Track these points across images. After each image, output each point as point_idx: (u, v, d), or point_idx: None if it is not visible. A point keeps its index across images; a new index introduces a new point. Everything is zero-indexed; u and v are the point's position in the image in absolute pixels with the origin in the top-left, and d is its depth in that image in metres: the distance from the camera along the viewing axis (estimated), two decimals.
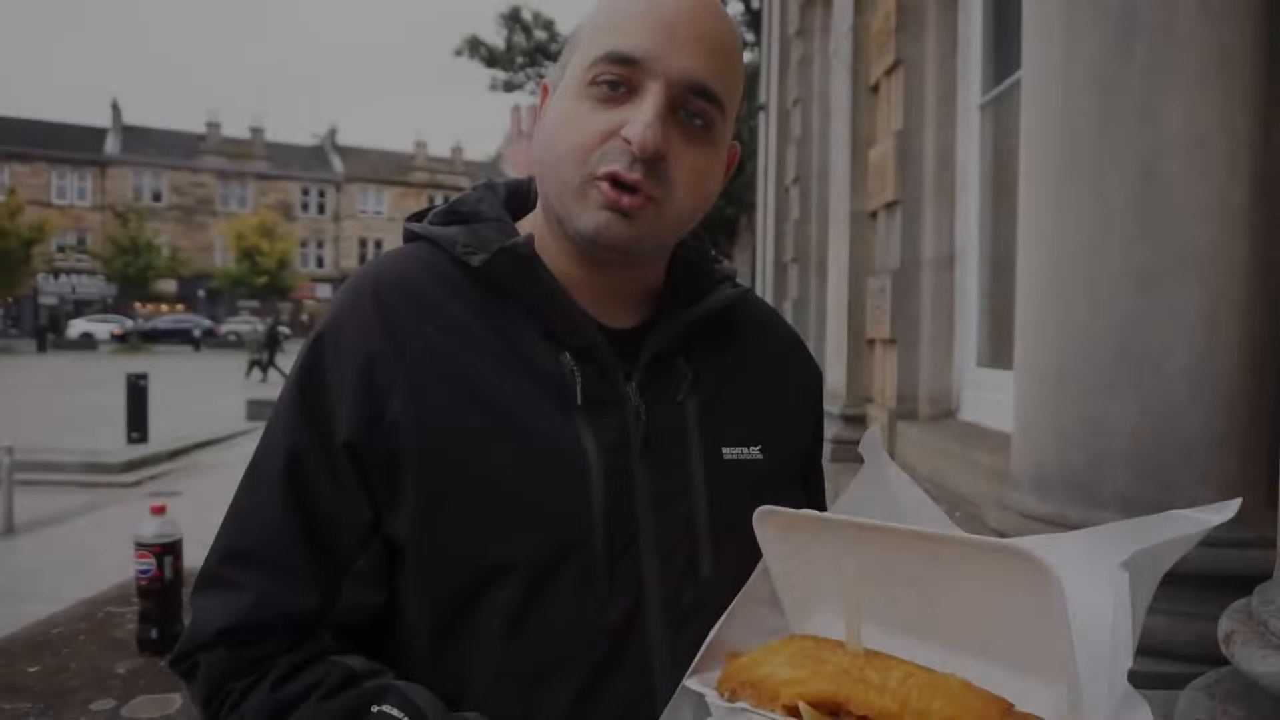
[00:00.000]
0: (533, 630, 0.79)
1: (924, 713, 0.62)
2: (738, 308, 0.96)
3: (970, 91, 3.82)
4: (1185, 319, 1.64)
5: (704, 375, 0.90)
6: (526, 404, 0.81)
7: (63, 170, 44.56)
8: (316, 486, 0.79)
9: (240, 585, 0.78)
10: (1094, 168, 1.72)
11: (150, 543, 1.90)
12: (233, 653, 0.77)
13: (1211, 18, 1.61)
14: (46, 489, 8.98)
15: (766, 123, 9.07)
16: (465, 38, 25.20)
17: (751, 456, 0.90)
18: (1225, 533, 1.60)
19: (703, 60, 0.79)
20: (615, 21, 0.80)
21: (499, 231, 0.87)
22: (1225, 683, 1.31)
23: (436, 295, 0.84)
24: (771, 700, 0.68)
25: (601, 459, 0.81)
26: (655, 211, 0.80)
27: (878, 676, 0.65)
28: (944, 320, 3.91)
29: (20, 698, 1.65)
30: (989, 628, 0.70)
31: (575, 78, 0.81)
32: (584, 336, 0.84)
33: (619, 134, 0.77)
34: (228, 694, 0.77)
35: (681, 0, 0.79)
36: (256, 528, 0.80)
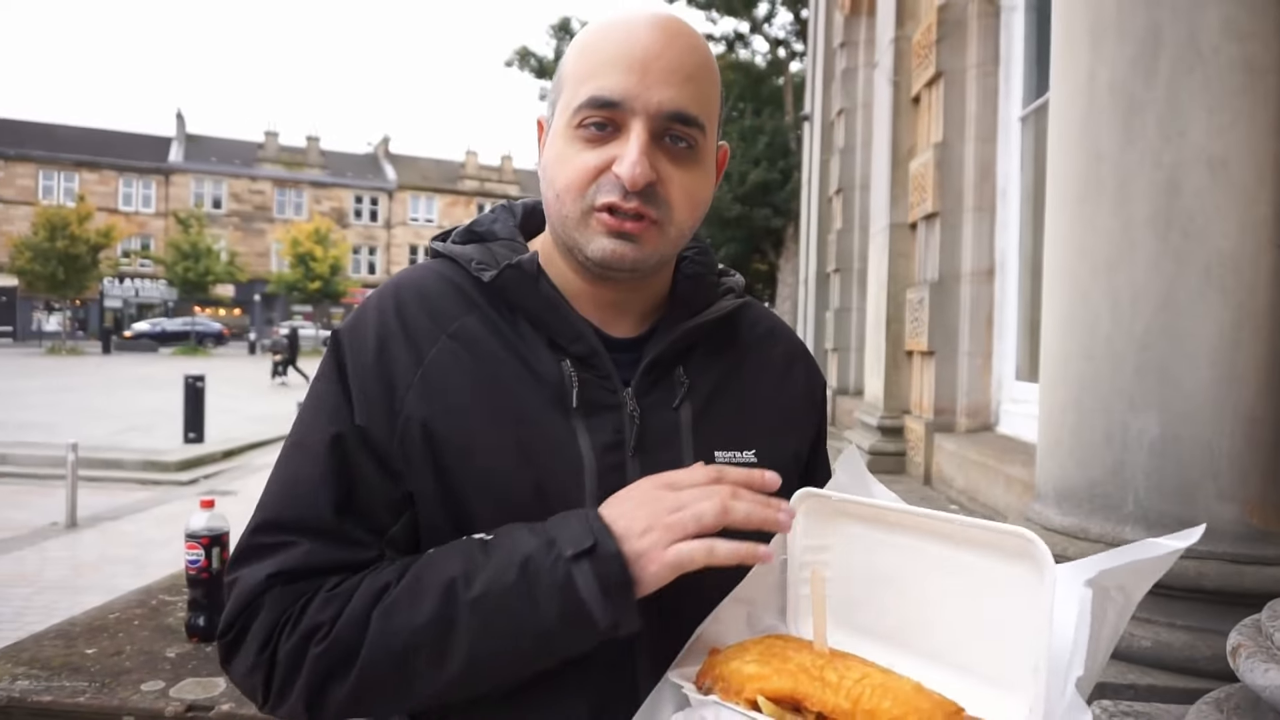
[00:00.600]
0: None
1: (874, 712, 0.67)
2: (738, 319, 1.02)
3: (1011, 104, 3.81)
4: (1207, 335, 1.64)
5: (700, 383, 0.95)
6: (529, 406, 0.88)
7: (129, 178, 46.10)
8: (356, 463, 0.85)
9: (289, 545, 0.83)
10: (1118, 183, 1.73)
11: (199, 534, 2.00)
12: (286, 588, 0.81)
13: (1236, 36, 1.61)
14: (108, 485, 9.34)
15: (810, 133, 9.06)
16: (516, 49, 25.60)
17: (745, 460, 0.95)
18: (1248, 550, 1.61)
19: (676, 89, 0.85)
20: (593, 67, 0.86)
21: (510, 249, 0.95)
22: (1234, 697, 1.31)
23: (452, 308, 0.92)
24: (737, 694, 0.73)
25: (596, 458, 0.88)
26: (657, 231, 0.87)
27: (835, 676, 0.71)
28: (982, 333, 3.89)
29: (79, 677, 1.76)
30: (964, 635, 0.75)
31: (563, 120, 0.88)
32: (583, 345, 0.90)
33: (610, 169, 0.84)
34: (286, 619, 0.80)
35: (651, 39, 0.85)
36: (304, 503, 0.85)
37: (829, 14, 8.05)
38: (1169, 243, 1.66)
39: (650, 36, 0.85)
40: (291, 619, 0.80)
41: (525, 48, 25.59)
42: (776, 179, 19.70)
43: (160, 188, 46.48)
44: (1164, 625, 1.63)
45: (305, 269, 39.03)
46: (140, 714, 1.65)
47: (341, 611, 0.79)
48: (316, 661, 0.78)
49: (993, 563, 0.75)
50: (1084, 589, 0.69)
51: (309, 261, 38.88)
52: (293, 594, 0.81)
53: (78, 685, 1.72)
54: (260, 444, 12.34)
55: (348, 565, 0.83)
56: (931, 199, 4.05)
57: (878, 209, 5.02)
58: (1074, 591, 0.69)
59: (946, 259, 4.01)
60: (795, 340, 1.10)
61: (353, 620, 0.78)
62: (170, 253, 39.08)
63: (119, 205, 45.36)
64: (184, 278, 38.20)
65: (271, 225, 48.44)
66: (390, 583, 0.80)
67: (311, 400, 0.92)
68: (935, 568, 0.79)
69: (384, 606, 0.78)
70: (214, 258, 38.96)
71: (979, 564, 0.76)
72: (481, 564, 0.78)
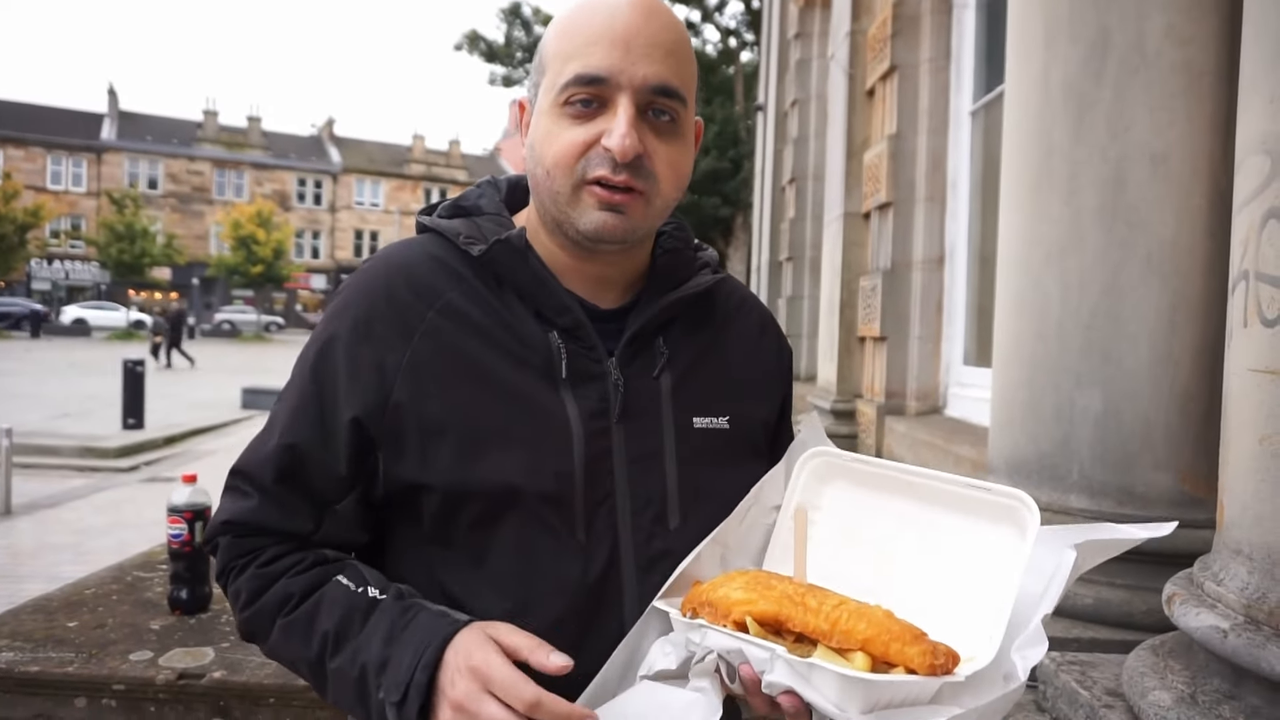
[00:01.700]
0: (521, 567, 0.93)
1: (849, 633, 0.76)
2: (714, 292, 1.09)
3: (962, 98, 3.96)
4: (1147, 319, 1.77)
5: (679, 353, 1.02)
6: (517, 377, 0.94)
7: (58, 155, 44.39)
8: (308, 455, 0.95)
9: (246, 493, 0.96)
10: (1068, 175, 1.86)
11: (182, 508, 2.01)
12: (236, 540, 0.96)
13: (1177, 41, 1.74)
14: (43, 472, 9.06)
15: (764, 123, 9.20)
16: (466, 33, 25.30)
17: (719, 426, 1.02)
18: (1180, 514, 1.76)
19: (659, 64, 0.91)
20: (577, 45, 0.90)
21: (497, 225, 1.00)
22: (1169, 642, 1.45)
23: (439, 282, 0.97)
24: (724, 617, 0.81)
25: (583, 425, 0.94)
26: (645, 202, 0.93)
27: (815, 602, 0.80)
28: (932, 319, 4.05)
29: (65, 648, 1.76)
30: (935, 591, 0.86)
31: (549, 99, 0.93)
32: (570, 317, 0.96)
33: (599, 143, 0.90)
34: (231, 569, 0.96)
35: (632, 16, 0.91)
36: (260, 461, 0.96)
37: (784, 5, 8.17)
38: (1114, 232, 1.79)
39: (631, 14, 0.90)
40: (234, 571, 0.96)
41: (475, 31, 25.28)
42: (726, 168, 19.87)
43: (92, 166, 44.83)
44: (1104, 584, 1.77)
45: (247, 252, 38.04)
46: (131, 682, 1.67)
47: (260, 595, 0.94)
48: (243, 621, 0.96)
49: (977, 524, 0.85)
50: (1070, 550, 0.79)
51: (251, 245, 37.90)
52: (237, 548, 0.96)
53: (64, 656, 1.73)
54: (203, 430, 12.08)
55: (284, 532, 0.96)
56: (885, 189, 4.19)
57: (832, 198, 5.15)
58: (1053, 550, 0.79)
59: (899, 247, 4.15)
60: (765, 311, 1.18)
61: (263, 613, 0.94)
62: (103, 234, 37.75)
63: (47, 184, 43.65)
64: (118, 260, 36.94)
65: (211, 207, 47.12)
66: (294, 595, 0.93)
67: (291, 378, 0.99)
68: (918, 530, 0.89)
69: (285, 622, 0.92)
70: (150, 240, 37.74)
71: (963, 527, 0.86)
72: (352, 634, 0.90)
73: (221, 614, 2.06)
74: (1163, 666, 1.37)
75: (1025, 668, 0.74)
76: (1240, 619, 1.19)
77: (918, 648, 0.73)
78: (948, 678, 0.73)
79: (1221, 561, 1.29)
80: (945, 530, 0.87)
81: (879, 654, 0.74)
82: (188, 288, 44.96)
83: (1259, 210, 1.21)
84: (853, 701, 0.72)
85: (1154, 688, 1.31)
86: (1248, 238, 1.23)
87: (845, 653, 0.75)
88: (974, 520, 0.85)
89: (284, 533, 0.96)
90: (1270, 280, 1.18)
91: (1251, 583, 1.20)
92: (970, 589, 0.83)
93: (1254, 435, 1.20)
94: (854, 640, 0.75)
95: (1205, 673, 1.29)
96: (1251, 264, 1.22)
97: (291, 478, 0.95)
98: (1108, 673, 1.53)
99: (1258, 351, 1.20)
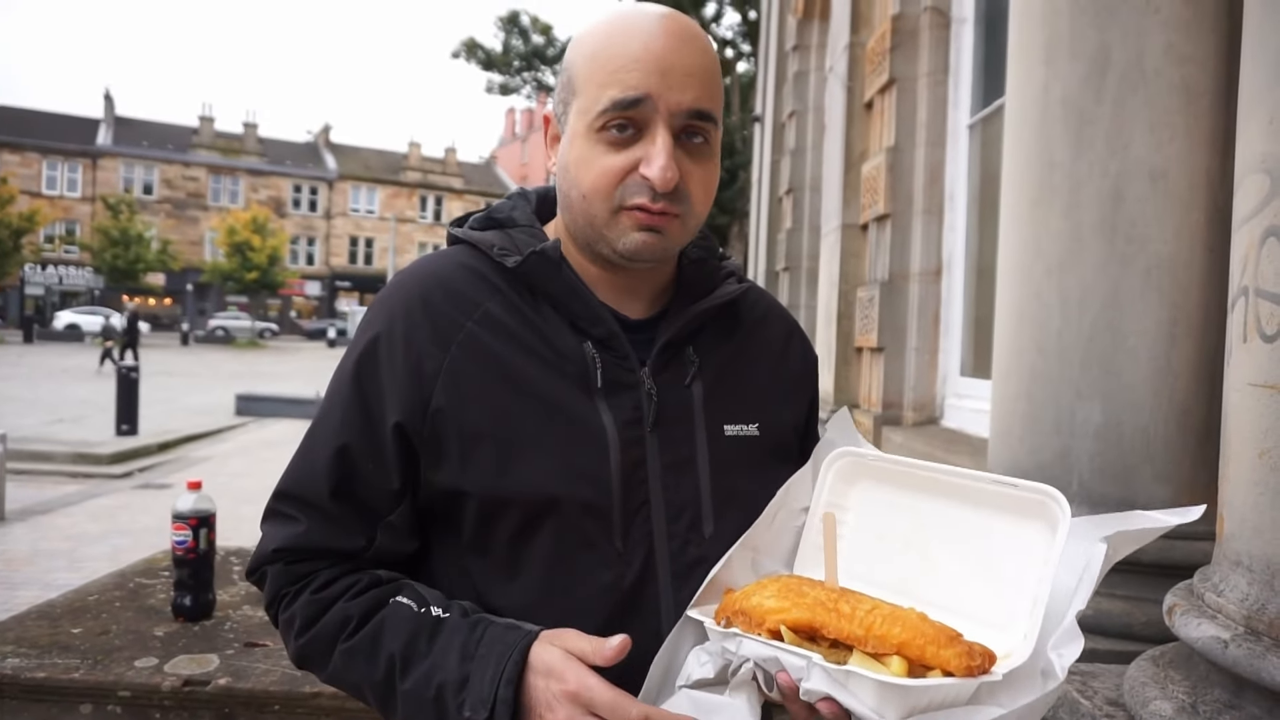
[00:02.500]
0: (559, 575, 0.94)
1: (884, 637, 0.76)
2: (740, 301, 1.11)
3: (960, 112, 3.99)
4: (1146, 332, 1.79)
5: (709, 361, 1.04)
6: (554, 386, 0.95)
7: (53, 161, 44.32)
8: (359, 463, 0.95)
9: (295, 518, 0.96)
10: (1068, 190, 1.88)
11: (187, 515, 2.02)
12: (287, 567, 0.96)
13: (1176, 60, 1.77)
14: (37, 478, 9.03)
15: (761, 134, 9.24)
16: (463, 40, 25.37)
17: (750, 433, 1.04)
18: (1178, 527, 1.77)
19: (696, 89, 0.92)
20: (613, 70, 0.90)
21: (531, 236, 1.02)
22: (1169, 653, 1.46)
23: (475, 294, 0.98)
24: (759, 626, 0.82)
25: (618, 434, 0.95)
26: (680, 224, 0.95)
27: (848, 608, 0.80)
28: (929, 330, 4.07)
29: (70, 654, 1.77)
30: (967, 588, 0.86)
31: (584, 122, 0.93)
32: (604, 328, 0.98)
33: (637, 170, 0.91)
34: (283, 596, 0.96)
35: (667, 40, 0.91)
36: (309, 481, 0.96)
37: (781, 17, 8.23)
38: (1114, 246, 1.81)
39: (666, 39, 0.91)
40: (286, 599, 0.96)
41: (473, 39, 25.37)
42: (723, 178, 19.93)
43: (87, 171, 44.77)
44: (1104, 595, 1.79)
45: (242, 258, 38.00)
46: (136, 689, 1.68)
47: (317, 620, 0.93)
48: (298, 649, 0.96)
49: (1006, 521, 0.85)
50: (1100, 544, 0.79)
51: (246, 251, 37.87)
52: (289, 576, 0.96)
53: (69, 662, 1.74)
54: (197, 436, 12.04)
55: (337, 552, 0.95)
56: (883, 201, 4.22)
57: (830, 210, 5.18)
58: (1084, 543, 0.80)
59: (896, 259, 4.17)
60: (790, 318, 1.20)
61: (321, 639, 0.93)
62: (98, 239, 37.67)
63: (42, 189, 43.57)
64: (112, 265, 36.86)
65: (206, 213, 47.08)
66: (354, 618, 0.92)
67: (331, 390, 0.99)
68: (947, 528, 0.89)
69: (346, 647, 0.92)
70: (145, 245, 37.67)
71: (993, 524, 0.86)
72: (421, 654, 0.89)
73: (225, 620, 2.06)
74: (1163, 677, 1.38)
75: (1063, 666, 0.74)
76: (1240, 630, 1.21)
77: (953, 650, 0.74)
78: (985, 677, 0.74)
79: (1221, 573, 1.30)
80: (975, 527, 0.88)
81: (915, 657, 0.74)
82: (182, 293, 44.88)
83: (1259, 228, 1.23)
84: (891, 707, 0.72)
85: (1155, 698, 1.33)
86: (1247, 254, 1.25)
87: (881, 657, 0.76)
88: (1003, 516, 0.86)
89: (337, 553, 0.96)
90: (1270, 296, 1.20)
91: (1251, 594, 1.22)
92: (1003, 586, 0.83)
93: (1254, 449, 1.22)
94: (889, 645, 0.75)
95: (1206, 683, 1.30)
96: (1251, 280, 1.24)
97: (347, 488, 0.95)
98: (1108, 683, 1.54)
99: (1257, 366, 1.22)
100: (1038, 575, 0.79)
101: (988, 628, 0.81)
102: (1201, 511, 0.83)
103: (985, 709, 0.74)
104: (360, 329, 1.00)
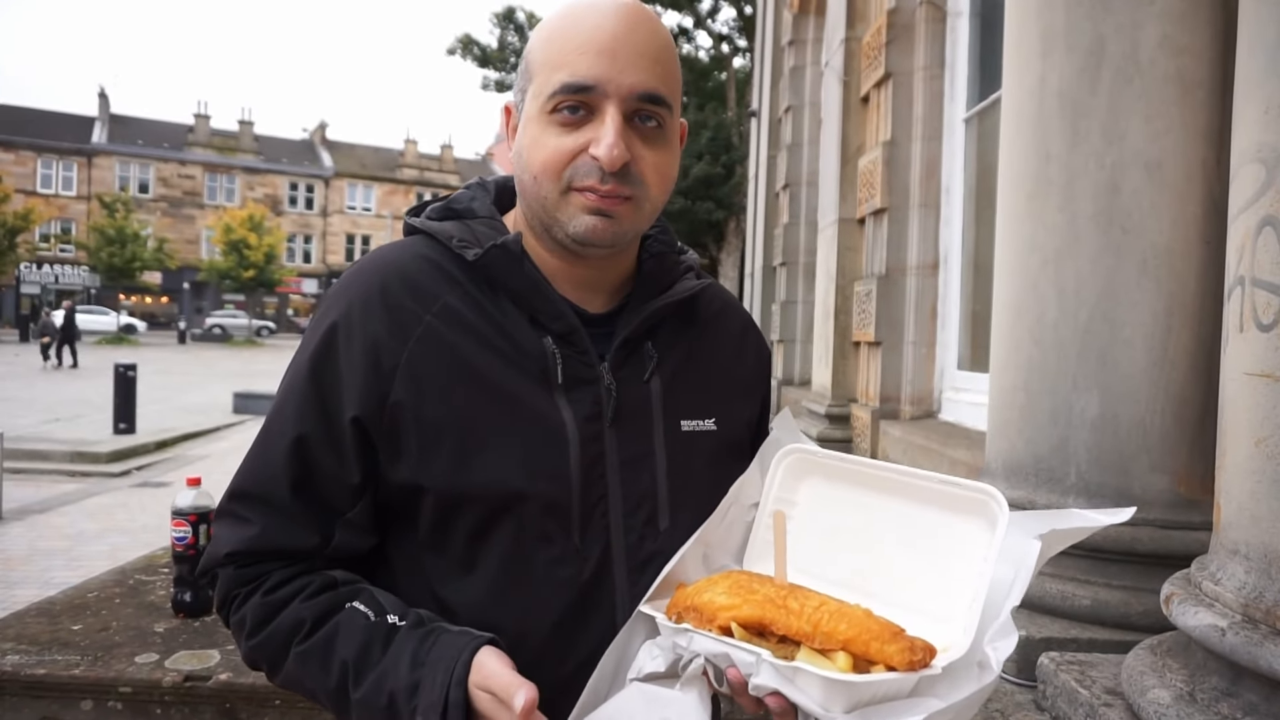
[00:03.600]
0: (516, 570, 0.95)
1: (831, 634, 0.78)
2: (699, 297, 1.11)
3: (956, 105, 3.99)
4: (1142, 323, 1.80)
5: (667, 357, 1.04)
6: (514, 382, 0.95)
7: (48, 159, 44.16)
8: (318, 456, 0.94)
9: (248, 519, 0.95)
10: (1065, 182, 1.88)
11: (186, 511, 2.02)
12: (239, 570, 0.94)
13: (1171, 51, 1.77)
14: (34, 477, 9.01)
15: (757, 129, 9.23)
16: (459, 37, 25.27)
17: (706, 428, 1.05)
18: (1176, 516, 1.78)
19: (645, 72, 0.92)
20: (564, 54, 0.91)
21: (491, 228, 1.01)
22: (1166, 642, 1.47)
23: (434, 286, 0.97)
24: (710, 622, 0.84)
25: (578, 430, 0.96)
26: (633, 207, 0.94)
27: (797, 604, 0.82)
28: (926, 324, 4.08)
29: (70, 651, 1.77)
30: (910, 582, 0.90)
31: (536, 106, 0.94)
32: (564, 323, 0.98)
33: (587, 152, 0.91)
34: (234, 598, 0.95)
35: (618, 24, 0.91)
36: (264, 479, 0.95)
37: (777, 12, 8.22)
38: (1110, 237, 1.82)
39: (617, 22, 0.91)
40: (236, 600, 0.94)
41: (468, 35, 25.27)
42: (719, 173, 19.92)
43: (82, 170, 44.63)
44: (1101, 585, 1.79)
45: (239, 257, 37.90)
46: (137, 685, 1.68)
47: (268, 622, 0.92)
48: (248, 650, 0.95)
49: (948, 518, 0.88)
50: (1035, 541, 0.82)
51: (242, 249, 37.76)
52: (239, 578, 0.94)
53: (70, 659, 1.74)
54: (194, 435, 12.02)
55: (290, 551, 0.94)
56: (880, 195, 4.22)
57: (827, 204, 5.18)
58: (1019, 540, 0.83)
59: (893, 253, 4.18)
60: (745, 315, 1.20)
61: (273, 640, 0.92)
62: (94, 238, 37.56)
63: (37, 187, 43.43)
64: (108, 264, 36.74)
65: (202, 211, 46.95)
66: (306, 621, 0.91)
67: (286, 383, 0.97)
68: (892, 524, 0.92)
69: (300, 651, 0.91)
70: (141, 244, 37.56)
71: (935, 520, 0.89)
72: (374, 662, 0.89)
73: None
74: (1161, 665, 1.39)
75: (998, 660, 0.77)
76: (1238, 618, 1.22)
77: (896, 645, 0.76)
78: (925, 671, 0.76)
79: (1219, 561, 1.31)
80: (919, 524, 0.91)
81: (860, 653, 0.77)
82: (179, 292, 44.80)
83: (1254, 218, 1.23)
84: (836, 702, 0.75)
85: (1153, 686, 1.34)
86: (1243, 244, 1.26)
87: (828, 653, 0.78)
88: (946, 514, 0.89)
89: (290, 553, 0.95)
90: (1266, 286, 1.20)
91: (1249, 582, 1.23)
92: (946, 581, 0.86)
93: (1250, 438, 1.23)
94: (835, 641, 0.78)
95: (1203, 671, 1.31)
96: (1248, 270, 1.24)
97: (306, 482, 0.94)
98: (1107, 672, 1.55)
99: (1254, 356, 1.22)
100: (977, 571, 0.82)
101: (931, 621, 0.84)
102: (1131, 514, 0.87)
103: (925, 701, 0.77)
104: (316, 319, 0.98)
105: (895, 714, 0.75)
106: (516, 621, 0.93)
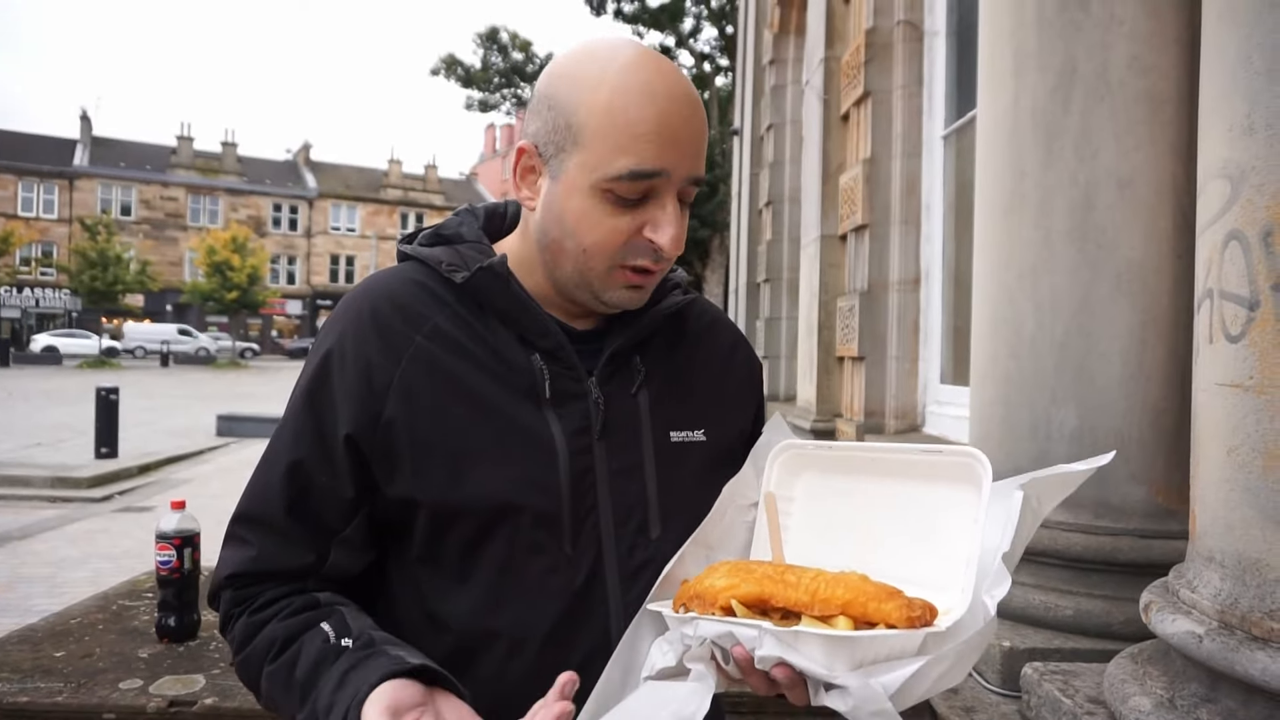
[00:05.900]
0: (509, 580, 0.96)
1: (829, 600, 0.80)
2: (686, 312, 1.14)
3: (934, 123, 4.05)
4: (1118, 336, 1.83)
5: (656, 370, 1.06)
6: (503, 398, 0.97)
7: (29, 182, 43.93)
8: (313, 476, 0.97)
9: (248, 541, 0.98)
10: (1039, 199, 1.92)
11: (171, 535, 2.00)
12: (237, 591, 0.98)
13: (1140, 71, 1.81)
14: (14, 504, 8.89)
15: (740, 147, 9.32)
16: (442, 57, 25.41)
17: (696, 439, 1.06)
18: (1154, 526, 1.80)
19: (699, 159, 0.96)
20: (632, 139, 0.90)
21: (479, 252, 1.04)
22: (1146, 650, 1.49)
23: (424, 308, 1.00)
24: (712, 605, 0.86)
25: (567, 443, 0.98)
26: (660, 273, 0.99)
27: (794, 577, 0.84)
28: (909, 339, 4.12)
29: (53, 678, 1.75)
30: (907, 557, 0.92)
31: (589, 179, 0.93)
32: (551, 340, 1.00)
33: (642, 234, 0.94)
34: (230, 618, 0.98)
35: (680, 111, 0.92)
36: (263, 501, 0.98)
37: (758, 32, 8.31)
38: (1085, 253, 1.85)
39: (681, 109, 0.92)
40: (232, 620, 0.98)
41: (452, 56, 25.41)
42: (703, 191, 20.06)
43: (64, 193, 44.39)
44: (1084, 595, 1.81)
45: (222, 278, 37.71)
46: (121, 711, 1.66)
47: (249, 641, 0.95)
48: (237, 670, 0.98)
49: (937, 488, 0.91)
50: (1017, 492, 0.84)
51: (226, 271, 37.58)
52: (236, 599, 0.98)
53: (53, 686, 1.72)
54: (178, 458, 11.91)
55: (285, 571, 0.97)
56: (861, 212, 4.27)
57: (809, 221, 5.23)
58: (1005, 497, 0.85)
59: (875, 269, 4.23)
60: (735, 329, 1.23)
61: (251, 660, 0.94)
62: (75, 261, 37.29)
63: (18, 210, 43.16)
64: (90, 287, 36.47)
65: (185, 233, 46.78)
66: (277, 641, 0.93)
67: (287, 410, 1.01)
68: (885, 504, 0.95)
69: (270, 670, 0.93)
70: (123, 266, 37.32)
71: (927, 492, 0.92)
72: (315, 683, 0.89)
73: (211, 640, 2.05)
74: (1142, 673, 1.41)
75: (993, 605, 0.79)
76: (1214, 624, 1.24)
77: (894, 603, 0.78)
78: (929, 629, 0.78)
79: (1195, 569, 1.33)
80: (912, 498, 0.93)
81: (859, 615, 0.79)
82: (162, 314, 44.50)
83: (1221, 232, 1.27)
84: (839, 660, 0.76)
85: (1134, 694, 1.35)
86: (1211, 258, 1.29)
87: (828, 619, 0.80)
88: (935, 484, 0.91)
89: (285, 573, 0.97)
90: (1233, 298, 1.23)
91: (1224, 589, 1.25)
92: (942, 549, 0.88)
93: (1222, 447, 1.25)
94: (834, 606, 0.80)
95: (1183, 678, 1.33)
96: (1215, 283, 1.27)
97: (301, 504, 0.96)
98: (1089, 681, 1.57)
99: (1224, 366, 1.25)
100: (969, 535, 0.84)
101: (933, 590, 0.85)
102: (1111, 457, 0.91)
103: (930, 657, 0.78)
104: (313, 348, 1.02)
105: (898, 666, 0.77)
106: (511, 629, 0.95)
